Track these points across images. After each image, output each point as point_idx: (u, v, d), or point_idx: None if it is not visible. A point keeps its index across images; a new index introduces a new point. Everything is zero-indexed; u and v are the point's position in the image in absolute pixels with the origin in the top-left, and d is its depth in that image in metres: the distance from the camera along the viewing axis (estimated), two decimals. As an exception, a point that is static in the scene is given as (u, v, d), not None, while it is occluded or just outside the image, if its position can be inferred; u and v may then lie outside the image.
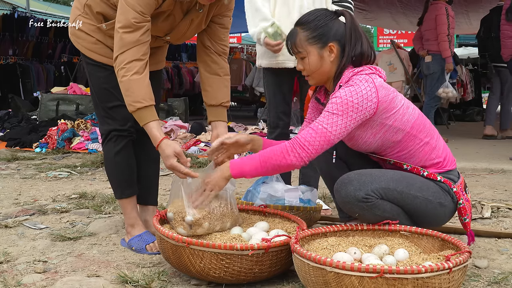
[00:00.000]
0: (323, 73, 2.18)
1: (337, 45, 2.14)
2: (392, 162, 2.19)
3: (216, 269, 1.89)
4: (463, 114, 10.37)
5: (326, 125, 2.01)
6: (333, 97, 2.06)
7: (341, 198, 2.09)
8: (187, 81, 12.67)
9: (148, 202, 2.59)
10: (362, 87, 2.04)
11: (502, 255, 2.33)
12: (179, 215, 2.07)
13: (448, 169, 2.18)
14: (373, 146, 2.17)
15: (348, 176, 2.09)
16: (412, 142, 2.14)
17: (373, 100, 2.04)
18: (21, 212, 3.00)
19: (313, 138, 2.01)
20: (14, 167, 4.68)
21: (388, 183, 2.07)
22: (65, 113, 6.85)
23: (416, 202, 2.10)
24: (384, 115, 2.09)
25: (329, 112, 2.03)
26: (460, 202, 2.16)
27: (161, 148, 2.16)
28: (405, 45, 13.22)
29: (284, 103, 3.06)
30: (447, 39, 6.25)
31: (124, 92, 2.17)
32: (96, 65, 2.37)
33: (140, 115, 2.16)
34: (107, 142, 2.42)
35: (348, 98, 2.02)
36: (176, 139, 5.99)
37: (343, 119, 2.02)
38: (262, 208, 2.43)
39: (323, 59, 2.15)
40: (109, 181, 2.52)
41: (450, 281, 1.69)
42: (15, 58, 10.66)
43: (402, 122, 2.12)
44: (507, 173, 4.50)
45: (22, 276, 2.03)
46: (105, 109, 2.39)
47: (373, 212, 2.06)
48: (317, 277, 1.71)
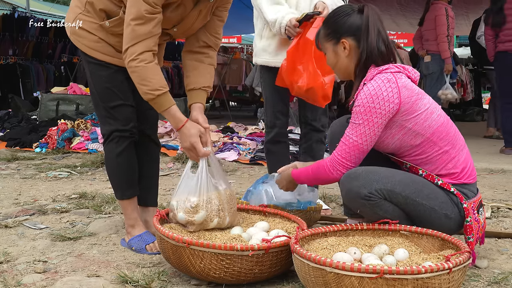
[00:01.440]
0: (342, 69, 2.22)
1: (351, 40, 2.16)
2: (409, 165, 2.16)
3: (216, 269, 1.89)
4: (463, 114, 10.36)
5: (356, 138, 2.07)
6: (356, 105, 2.08)
7: (344, 192, 2.11)
8: (187, 81, 12.65)
9: (148, 203, 2.59)
10: (383, 89, 2.04)
11: (502, 255, 2.33)
12: (182, 202, 2.12)
13: (464, 182, 2.12)
14: (391, 147, 2.16)
15: (356, 171, 2.09)
16: (430, 148, 2.11)
17: (395, 101, 2.04)
18: (21, 212, 3.00)
19: (348, 153, 2.10)
20: (14, 167, 4.68)
21: (395, 186, 2.05)
22: (65, 113, 6.83)
23: (420, 209, 2.08)
24: (405, 117, 2.08)
25: (354, 123, 2.08)
26: (467, 219, 2.09)
27: (186, 128, 2.19)
28: (405, 45, 13.22)
29: (282, 102, 3.03)
30: (446, 40, 6.24)
31: (140, 81, 2.16)
32: (98, 64, 2.35)
33: (160, 101, 2.18)
34: (108, 142, 2.40)
35: (370, 105, 2.03)
36: (176, 139, 5.98)
37: (369, 127, 2.06)
38: (262, 208, 2.43)
39: (338, 55, 2.20)
40: (109, 182, 2.51)
41: (450, 281, 1.69)
42: (15, 58, 10.64)
43: (423, 127, 2.09)
44: (507, 173, 4.50)
45: (22, 276, 2.03)
46: (107, 109, 2.37)
47: (375, 211, 2.06)
48: (317, 277, 1.71)
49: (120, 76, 2.35)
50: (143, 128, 2.50)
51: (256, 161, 5.02)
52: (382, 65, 2.12)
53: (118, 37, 2.29)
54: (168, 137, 6.10)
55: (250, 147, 5.54)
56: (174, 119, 2.21)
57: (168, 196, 3.50)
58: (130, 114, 2.37)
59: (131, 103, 2.39)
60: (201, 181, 2.16)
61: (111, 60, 2.34)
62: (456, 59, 7.90)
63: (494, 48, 5.83)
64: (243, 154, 5.28)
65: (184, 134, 2.20)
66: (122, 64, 2.29)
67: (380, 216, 2.07)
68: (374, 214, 2.08)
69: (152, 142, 2.58)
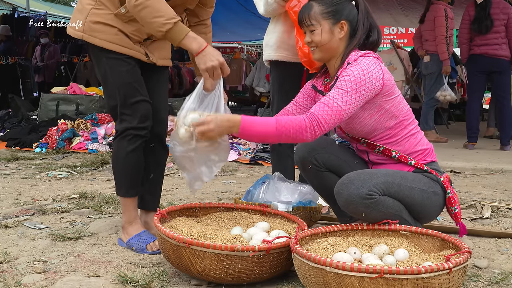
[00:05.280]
0: (329, 49, 2.24)
1: (348, 25, 2.22)
2: (382, 149, 2.23)
3: (217, 269, 1.89)
4: (463, 114, 10.32)
5: (341, 103, 2.06)
6: (344, 74, 2.11)
7: (344, 199, 2.08)
8: (187, 81, 12.67)
9: (151, 207, 2.57)
10: (372, 67, 2.12)
11: (502, 255, 2.33)
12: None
13: (431, 160, 2.26)
14: (366, 129, 2.21)
15: (347, 177, 2.10)
16: (401, 131, 2.22)
17: (380, 81, 2.13)
18: (21, 212, 3.00)
19: (329, 116, 2.05)
20: (14, 167, 4.68)
21: (386, 178, 2.11)
22: (65, 113, 6.84)
23: (413, 193, 2.14)
24: (384, 98, 2.17)
25: (342, 90, 2.08)
26: (448, 191, 2.21)
27: (210, 48, 2.19)
28: (405, 45, 13.20)
29: (287, 100, 3.00)
30: (445, 41, 6.28)
31: (155, 14, 2.14)
32: (118, 59, 2.33)
33: (178, 29, 2.16)
34: (120, 139, 2.36)
35: (361, 76, 2.09)
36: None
37: (355, 97, 2.08)
38: (262, 208, 2.43)
39: (333, 34, 2.22)
40: (114, 177, 2.48)
41: (450, 281, 1.69)
42: (15, 58, 10.65)
43: (398, 109, 2.20)
44: (507, 173, 4.50)
45: (22, 276, 2.03)
46: (127, 106, 2.33)
47: (378, 208, 2.07)
48: (317, 277, 1.71)
49: (138, 71, 2.37)
50: (155, 128, 2.47)
51: (256, 161, 5.02)
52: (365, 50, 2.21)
53: (134, 25, 2.30)
54: (168, 137, 6.10)
55: (250, 147, 5.54)
56: (196, 40, 2.18)
57: (168, 196, 3.50)
58: (148, 111, 2.36)
59: (149, 100, 2.38)
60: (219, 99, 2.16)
61: (129, 52, 2.33)
62: (456, 59, 7.90)
63: (468, 51, 6.07)
64: (243, 154, 5.28)
65: (209, 54, 2.17)
66: (140, 56, 2.35)
67: (384, 214, 2.08)
68: (378, 213, 2.08)
69: (161, 146, 2.55)
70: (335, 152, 2.36)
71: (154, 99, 2.44)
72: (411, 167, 2.21)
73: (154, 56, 2.43)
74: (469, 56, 6.07)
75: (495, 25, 5.84)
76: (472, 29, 5.95)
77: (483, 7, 5.87)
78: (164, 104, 2.54)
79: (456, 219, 2.25)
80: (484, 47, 5.91)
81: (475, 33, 5.95)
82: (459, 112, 10.42)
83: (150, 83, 2.46)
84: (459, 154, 5.57)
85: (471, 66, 6.16)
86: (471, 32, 5.99)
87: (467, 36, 6.04)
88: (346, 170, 2.26)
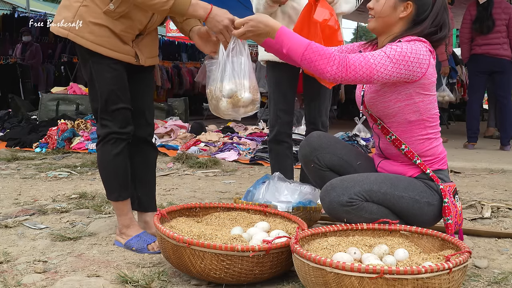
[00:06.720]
0: (386, 23, 2.19)
1: (413, 8, 2.15)
2: (393, 138, 2.19)
3: (217, 270, 1.89)
4: (463, 114, 10.34)
5: (377, 62, 2.02)
6: (394, 44, 2.06)
7: (326, 206, 2.12)
8: (187, 81, 12.69)
9: (149, 209, 2.57)
10: (422, 53, 2.06)
11: (502, 255, 2.33)
12: (241, 86, 2.12)
13: (438, 168, 2.20)
14: (388, 111, 2.17)
15: (331, 184, 2.13)
16: (419, 130, 2.17)
17: (423, 69, 2.07)
18: (21, 212, 3.00)
19: (360, 66, 2.01)
20: (14, 167, 4.68)
21: (371, 186, 2.09)
22: (65, 113, 6.84)
23: (402, 202, 2.12)
24: (418, 90, 2.11)
25: (384, 53, 2.04)
26: (445, 200, 2.15)
27: (216, 9, 2.18)
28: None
29: (284, 101, 3.01)
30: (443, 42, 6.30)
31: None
32: (104, 65, 2.29)
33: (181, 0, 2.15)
34: (104, 144, 2.36)
35: (407, 53, 2.03)
36: (176, 139, 5.98)
37: (392, 66, 2.03)
38: (262, 208, 2.43)
39: (395, 10, 2.17)
40: (103, 183, 2.46)
41: (450, 281, 1.69)
42: (15, 58, 10.65)
43: (426, 107, 2.14)
44: (507, 173, 4.50)
45: (22, 276, 2.03)
46: (109, 112, 2.32)
47: (360, 214, 2.09)
48: (317, 277, 1.71)
49: (124, 77, 2.34)
50: (140, 131, 2.47)
51: (256, 161, 5.02)
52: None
53: (125, 22, 2.26)
54: (168, 137, 6.10)
55: (250, 147, 5.54)
56: (200, 5, 2.17)
57: (168, 196, 3.50)
58: (129, 117, 2.35)
59: (130, 107, 2.37)
60: (247, 60, 2.16)
61: (117, 56, 2.29)
62: (456, 59, 7.92)
63: (469, 50, 6.09)
64: (243, 154, 5.28)
65: (217, 15, 2.17)
66: (129, 59, 2.31)
67: (367, 220, 2.09)
68: (360, 219, 2.09)
69: (149, 146, 2.55)
70: (337, 152, 2.35)
71: (139, 101, 2.44)
72: (415, 168, 2.19)
73: (143, 55, 2.40)
74: (470, 56, 6.06)
75: (496, 25, 5.84)
76: (474, 28, 5.94)
77: (485, 7, 5.87)
78: (149, 105, 2.53)
79: (446, 230, 2.16)
80: (486, 47, 5.90)
81: (476, 33, 5.94)
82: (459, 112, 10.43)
83: (136, 85, 2.45)
84: (459, 154, 5.58)
85: (472, 66, 6.16)
86: (472, 32, 5.98)
87: (468, 36, 6.03)
88: (348, 170, 2.27)
